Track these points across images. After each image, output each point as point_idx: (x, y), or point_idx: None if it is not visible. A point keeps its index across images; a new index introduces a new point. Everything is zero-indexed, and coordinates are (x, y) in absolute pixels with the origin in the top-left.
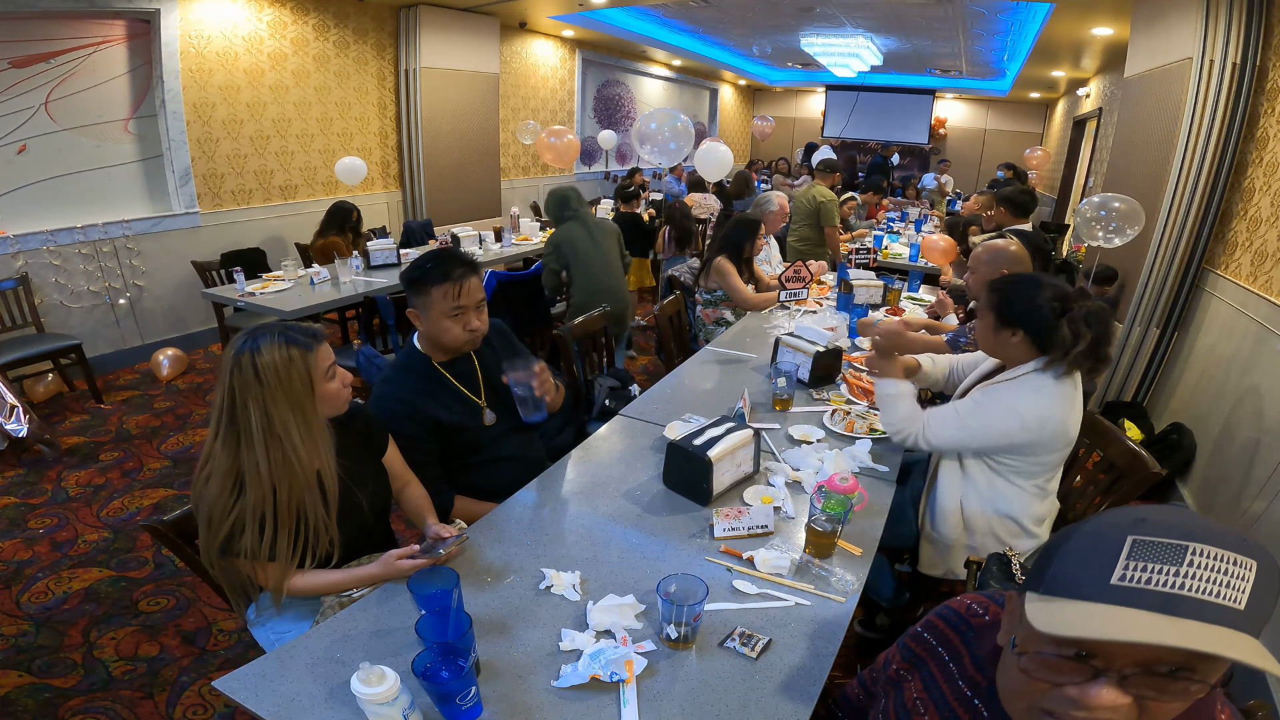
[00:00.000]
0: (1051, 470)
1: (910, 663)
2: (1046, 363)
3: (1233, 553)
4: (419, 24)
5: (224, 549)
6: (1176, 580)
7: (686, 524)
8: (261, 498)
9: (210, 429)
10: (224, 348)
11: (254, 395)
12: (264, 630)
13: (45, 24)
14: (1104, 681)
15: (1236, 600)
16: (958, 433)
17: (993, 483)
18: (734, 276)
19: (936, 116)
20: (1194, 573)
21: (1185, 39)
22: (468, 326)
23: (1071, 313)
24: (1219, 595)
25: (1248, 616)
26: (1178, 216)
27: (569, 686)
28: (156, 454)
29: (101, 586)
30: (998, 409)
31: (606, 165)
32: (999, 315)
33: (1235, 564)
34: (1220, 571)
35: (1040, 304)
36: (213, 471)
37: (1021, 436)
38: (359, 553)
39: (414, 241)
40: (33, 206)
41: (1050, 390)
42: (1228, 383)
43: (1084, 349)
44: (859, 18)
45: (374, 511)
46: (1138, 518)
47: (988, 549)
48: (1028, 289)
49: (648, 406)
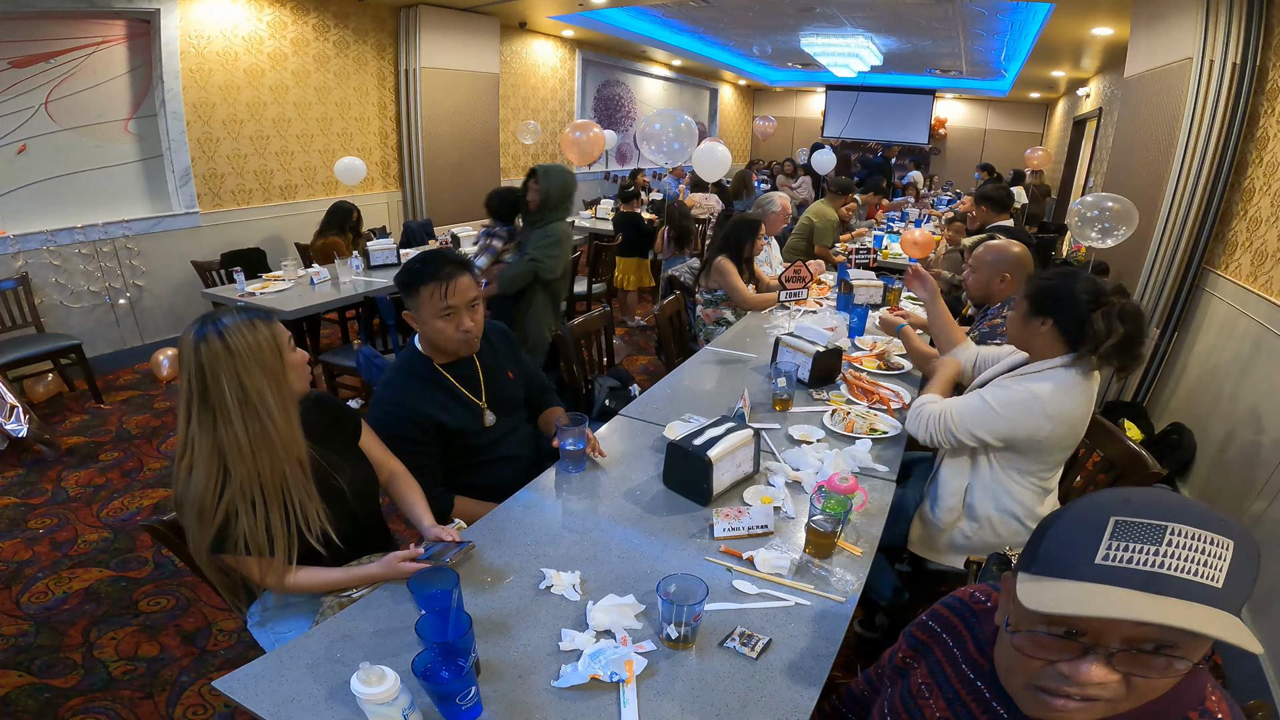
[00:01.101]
0: (1054, 469)
1: (916, 650)
2: (1075, 358)
3: (1210, 532)
4: (419, 24)
5: (217, 543)
6: (1157, 560)
7: (686, 524)
8: (247, 474)
9: (181, 420)
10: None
11: (225, 367)
12: (265, 631)
13: (45, 24)
14: (1093, 658)
15: (1214, 579)
16: (987, 420)
17: (998, 479)
18: (734, 276)
19: (936, 116)
20: (1173, 552)
21: (1185, 39)
22: (460, 326)
23: (1106, 307)
24: (1198, 574)
25: (1226, 594)
26: (1178, 216)
27: (569, 686)
28: (156, 454)
29: (101, 586)
30: (1024, 397)
31: (607, 165)
32: (1032, 303)
33: (1213, 543)
34: (1198, 550)
35: (1075, 294)
36: (195, 460)
37: (1044, 430)
38: (358, 552)
39: (414, 241)
40: (33, 206)
41: (1077, 387)
42: (1228, 383)
43: (1115, 343)
44: (859, 18)
45: (358, 499)
46: (1122, 498)
47: (982, 539)
48: (1064, 280)
49: (648, 406)
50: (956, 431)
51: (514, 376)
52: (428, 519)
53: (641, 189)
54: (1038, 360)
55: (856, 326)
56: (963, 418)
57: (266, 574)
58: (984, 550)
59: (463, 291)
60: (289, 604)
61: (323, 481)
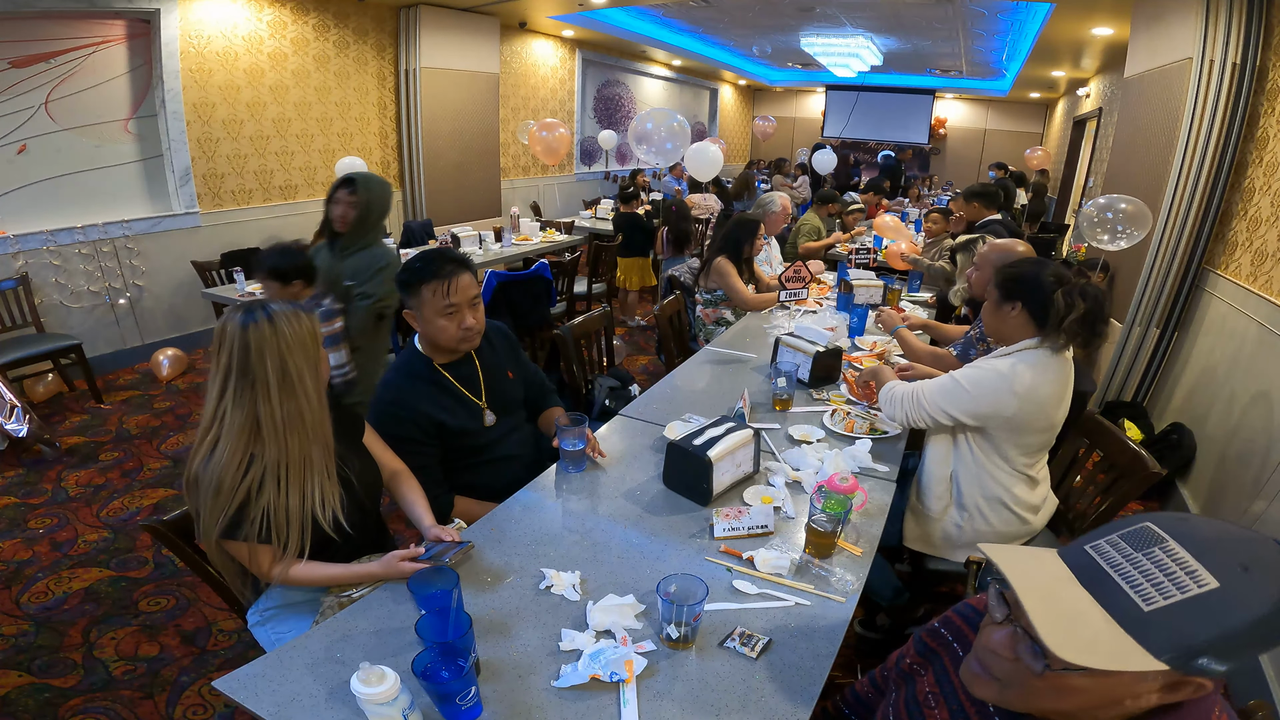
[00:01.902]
0: (1034, 454)
1: (924, 656)
2: (1042, 339)
3: (1198, 562)
4: (419, 24)
5: (230, 527)
6: (1121, 562)
7: (686, 524)
8: (277, 451)
9: (212, 396)
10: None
11: (270, 345)
12: (265, 630)
13: (45, 24)
14: (1006, 628)
15: (1150, 600)
16: (956, 397)
17: (980, 464)
18: (734, 277)
19: (936, 116)
20: (1142, 562)
21: (1185, 39)
22: (462, 324)
23: (1067, 286)
24: (1137, 588)
25: (1144, 622)
26: (1178, 216)
27: (569, 686)
28: (156, 454)
29: (101, 586)
30: (991, 375)
31: (606, 165)
32: (1002, 290)
33: (1188, 572)
34: (1165, 571)
35: (1040, 278)
36: (221, 434)
37: (1010, 406)
38: (360, 548)
39: (414, 241)
40: (33, 206)
41: (1044, 364)
42: (1228, 383)
43: (1077, 317)
44: (859, 18)
45: (364, 492)
46: (1181, 518)
47: (975, 530)
48: (1030, 266)
49: (648, 406)
50: (929, 408)
51: (514, 376)
52: (428, 519)
53: (642, 189)
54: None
55: (856, 326)
56: (933, 396)
57: (275, 562)
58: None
59: (464, 289)
60: (290, 603)
61: (337, 469)
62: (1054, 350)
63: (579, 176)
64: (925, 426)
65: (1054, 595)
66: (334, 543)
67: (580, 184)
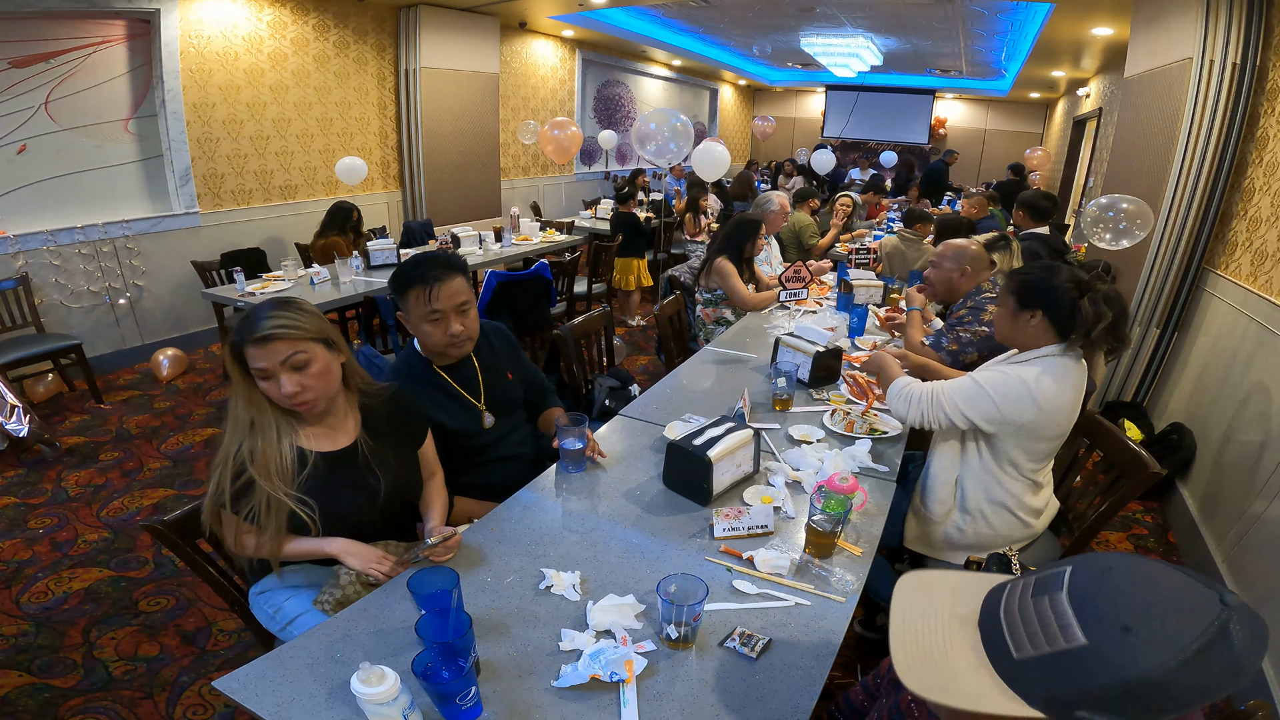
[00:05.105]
0: (1042, 460)
1: None
2: (1067, 345)
3: (1074, 617)
4: (419, 24)
5: (234, 495)
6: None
7: (686, 524)
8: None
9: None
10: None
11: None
12: (262, 600)
13: (45, 24)
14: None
15: (1021, 647)
16: (977, 402)
17: (989, 469)
18: (734, 277)
19: (936, 116)
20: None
21: (1185, 39)
22: (448, 330)
23: (1091, 293)
24: (1014, 634)
25: (1019, 668)
26: (1178, 216)
27: (569, 686)
28: (156, 454)
29: (101, 586)
30: (1015, 383)
31: (606, 165)
32: (1019, 298)
33: (1062, 627)
34: (1043, 621)
35: (1061, 285)
36: (227, 419)
37: (1028, 414)
38: (382, 535)
39: (414, 241)
40: (33, 206)
41: (1066, 372)
42: (1228, 383)
43: (1106, 326)
44: (859, 18)
45: (391, 497)
46: (1108, 565)
47: (976, 533)
48: (1046, 273)
49: (648, 406)
50: (948, 410)
51: (513, 377)
52: (433, 520)
53: (640, 189)
54: (1028, 351)
55: (856, 326)
56: (954, 398)
57: (257, 544)
58: (980, 546)
59: (450, 296)
60: (293, 585)
61: (360, 472)
62: (1076, 358)
63: (579, 176)
64: (938, 428)
65: (929, 634)
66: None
67: (580, 184)
